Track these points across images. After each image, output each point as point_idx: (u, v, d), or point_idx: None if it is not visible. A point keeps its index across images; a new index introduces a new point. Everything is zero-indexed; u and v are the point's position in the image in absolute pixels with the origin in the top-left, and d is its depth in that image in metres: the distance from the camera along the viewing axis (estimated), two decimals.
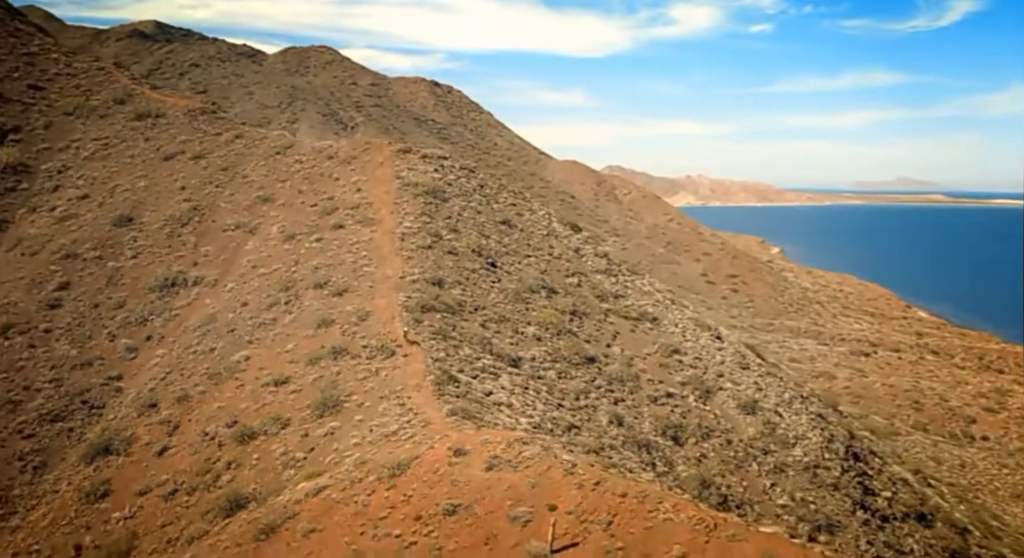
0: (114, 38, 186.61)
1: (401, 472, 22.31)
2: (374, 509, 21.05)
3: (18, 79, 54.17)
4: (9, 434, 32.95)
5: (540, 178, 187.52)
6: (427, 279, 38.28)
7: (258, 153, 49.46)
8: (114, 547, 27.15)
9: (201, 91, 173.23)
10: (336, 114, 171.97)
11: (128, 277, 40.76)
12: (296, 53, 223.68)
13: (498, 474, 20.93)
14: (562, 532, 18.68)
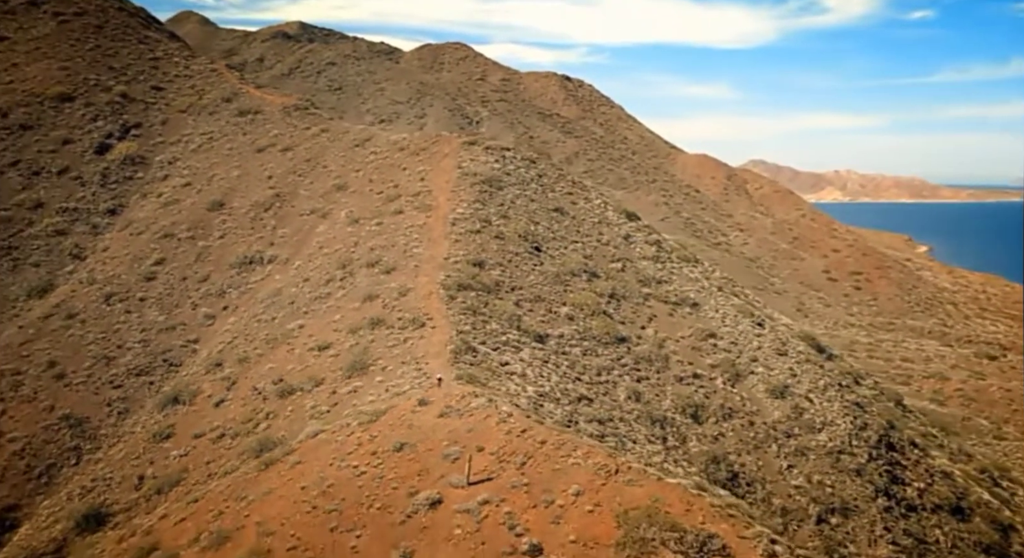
0: (260, 39, 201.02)
1: (376, 418, 26.13)
2: (346, 447, 24.94)
3: (143, 81, 61.80)
4: (102, 384, 39.16)
5: (665, 172, 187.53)
6: (469, 260, 41.91)
7: (340, 145, 54.59)
8: (167, 478, 32.44)
9: (336, 88, 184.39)
10: (462, 109, 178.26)
11: (214, 255, 46.65)
12: (431, 50, 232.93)
13: (445, 420, 24.37)
14: (482, 468, 21.92)
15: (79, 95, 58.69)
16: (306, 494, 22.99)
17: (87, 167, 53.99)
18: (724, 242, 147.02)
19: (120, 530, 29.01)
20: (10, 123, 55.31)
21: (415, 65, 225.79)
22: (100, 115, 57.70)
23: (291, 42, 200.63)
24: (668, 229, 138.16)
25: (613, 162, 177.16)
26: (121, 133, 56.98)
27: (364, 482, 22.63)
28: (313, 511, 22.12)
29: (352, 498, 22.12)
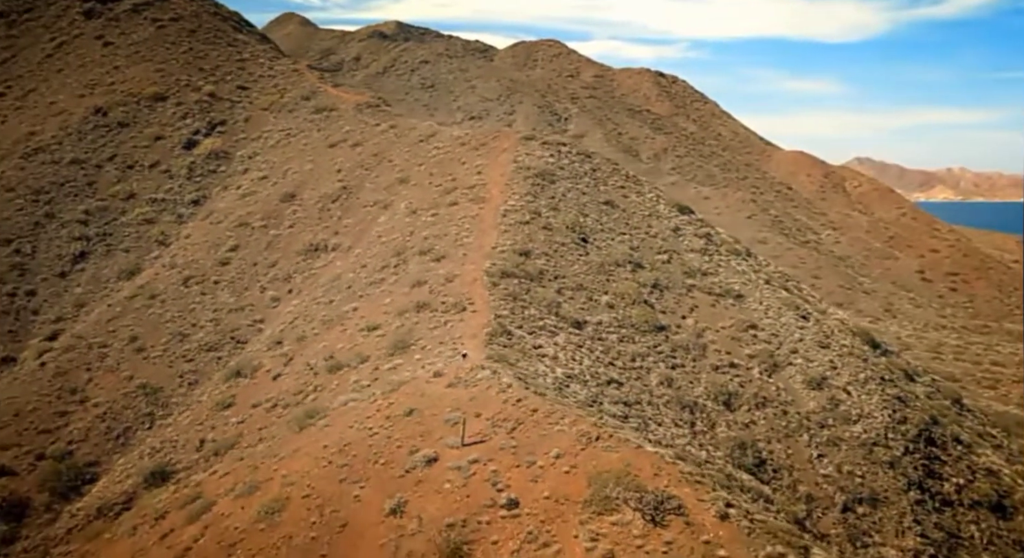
0: (357, 39, 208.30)
1: (396, 388, 28.80)
2: (367, 413, 27.66)
3: (230, 81, 66.54)
4: (176, 358, 43.27)
5: (757, 169, 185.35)
6: (515, 249, 44.21)
7: (406, 141, 57.71)
8: (224, 441, 35.98)
9: (429, 85, 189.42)
10: (551, 106, 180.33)
11: (283, 242, 50.44)
12: (524, 47, 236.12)
13: (452, 390, 26.81)
14: (476, 432, 24.23)
15: (171, 95, 63.77)
16: (326, 452, 25.79)
17: (175, 161, 58.79)
18: (813, 240, 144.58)
19: (178, 485, 32.57)
20: (109, 121, 60.72)
21: (508, 63, 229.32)
22: (189, 113, 62.58)
23: (387, 41, 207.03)
24: (754, 226, 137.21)
25: (703, 159, 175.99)
26: (207, 130, 61.68)
27: (374, 442, 25.27)
28: (328, 466, 24.89)
29: (362, 455, 24.79)
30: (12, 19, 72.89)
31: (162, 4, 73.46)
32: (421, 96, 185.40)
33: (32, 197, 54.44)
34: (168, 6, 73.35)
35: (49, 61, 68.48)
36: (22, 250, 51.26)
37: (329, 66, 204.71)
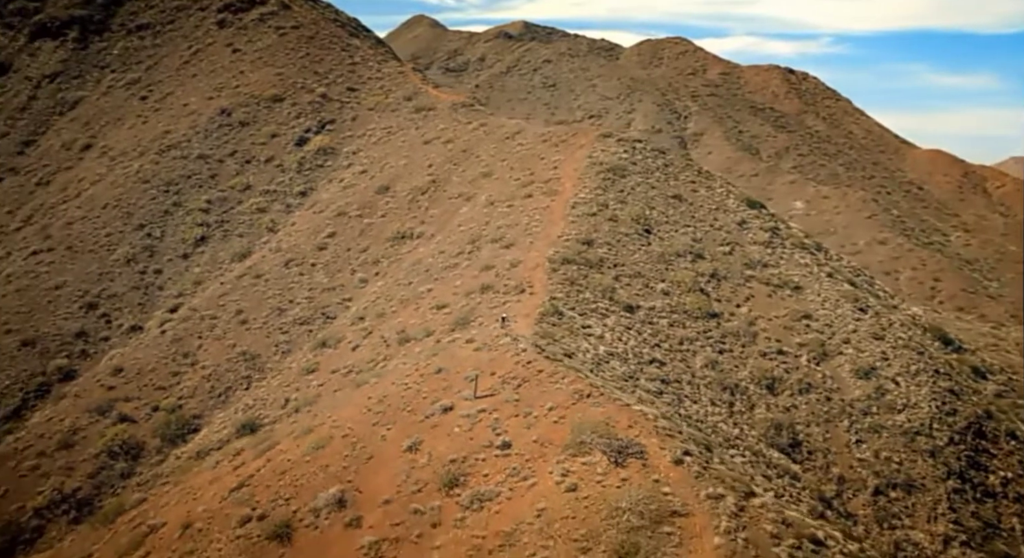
0: (484, 40, 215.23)
1: (436, 354, 33.12)
2: (408, 372, 32.14)
3: (340, 83, 72.93)
4: (273, 330, 49.26)
5: (885, 168, 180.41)
6: (578, 239, 47.81)
7: (493, 138, 62.16)
8: (305, 400, 41.36)
9: (551, 85, 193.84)
10: (671, 104, 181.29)
11: (375, 230, 55.83)
12: (650, 45, 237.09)
13: (477, 353, 30.89)
14: (488, 387, 28.21)
15: (287, 96, 70.68)
16: (368, 403, 30.42)
17: (288, 157, 65.43)
18: (939, 242, 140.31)
19: (260, 433, 38.09)
20: (232, 120, 68.08)
21: (633, 61, 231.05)
22: (303, 113, 69.27)
23: (512, 42, 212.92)
24: (873, 227, 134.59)
25: (827, 158, 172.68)
26: (318, 128, 68.13)
27: (406, 394, 29.69)
28: (367, 413, 29.48)
29: (395, 405, 29.25)
30: (157, 30, 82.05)
31: (285, 13, 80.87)
32: (543, 95, 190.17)
33: (163, 188, 62.19)
34: (290, 15, 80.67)
35: (185, 67, 76.96)
36: (153, 234, 58.89)
37: (455, 66, 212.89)
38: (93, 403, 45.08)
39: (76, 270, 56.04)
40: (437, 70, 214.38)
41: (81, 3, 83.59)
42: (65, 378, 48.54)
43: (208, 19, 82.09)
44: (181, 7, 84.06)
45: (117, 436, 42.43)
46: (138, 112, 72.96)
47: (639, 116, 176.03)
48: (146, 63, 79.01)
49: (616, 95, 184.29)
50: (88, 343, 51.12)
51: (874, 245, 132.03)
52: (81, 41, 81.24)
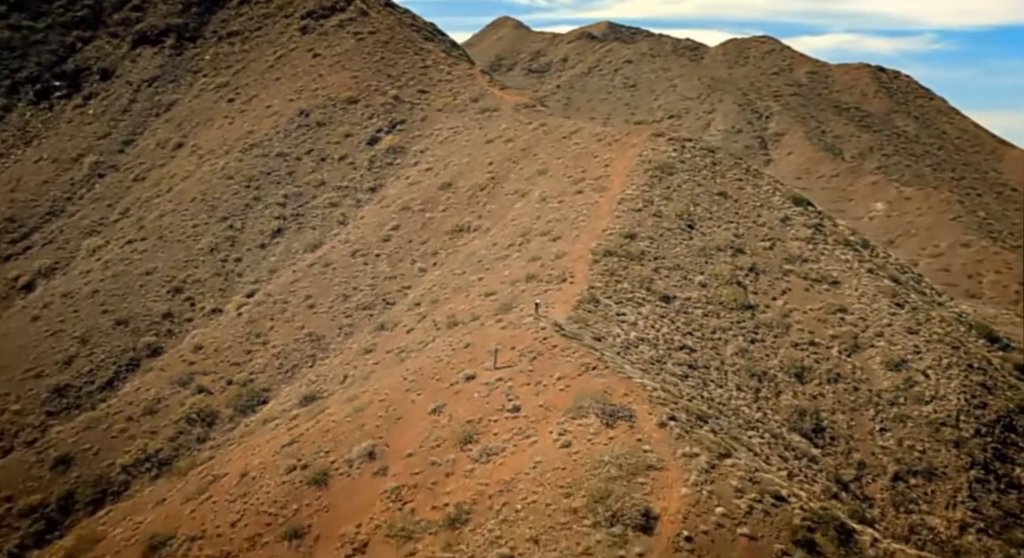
0: (567, 41, 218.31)
1: (471, 332, 36.68)
2: (442, 347, 35.84)
3: (412, 85, 77.38)
4: (338, 314, 53.73)
5: (977, 169, 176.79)
6: (622, 233, 50.72)
7: (551, 137, 65.45)
8: (360, 375, 45.50)
9: (631, 85, 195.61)
10: (753, 104, 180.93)
11: (435, 224, 59.84)
12: (736, 45, 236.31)
13: (504, 330, 34.35)
14: (507, 360, 31.61)
15: (362, 98, 75.49)
16: (404, 373, 34.22)
17: (360, 155, 70.15)
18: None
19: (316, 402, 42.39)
20: (310, 121, 73.25)
21: (718, 61, 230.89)
22: (375, 114, 73.94)
23: (594, 42, 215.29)
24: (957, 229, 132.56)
25: (913, 158, 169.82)
26: (389, 128, 72.68)
27: (437, 366, 33.36)
28: (402, 382, 33.27)
29: (427, 374, 32.95)
30: (245, 37, 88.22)
31: (363, 19, 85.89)
32: (623, 95, 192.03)
33: (245, 184, 67.66)
34: (368, 21, 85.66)
35: (270, 71, 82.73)
36: (234, 226, 64.33)
37: (537, 67, 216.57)
38: (175, 376, 50.32)
39: (165, 258, 61.84)
40: (520, 71, 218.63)
41: (178, 12, 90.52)
42: (152, 354, 54.08)
43: (292, 26, 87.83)
44: (268, 15, 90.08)
45: (195, 405, 47.46)
46: (225, 113, 79.00)
47: (719, 116, 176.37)
48: (235, 68, 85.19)
49: (696, 95, 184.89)
50: (174, 323, 56.67)
51: (957, 247, 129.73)
52: (177, 48, 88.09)
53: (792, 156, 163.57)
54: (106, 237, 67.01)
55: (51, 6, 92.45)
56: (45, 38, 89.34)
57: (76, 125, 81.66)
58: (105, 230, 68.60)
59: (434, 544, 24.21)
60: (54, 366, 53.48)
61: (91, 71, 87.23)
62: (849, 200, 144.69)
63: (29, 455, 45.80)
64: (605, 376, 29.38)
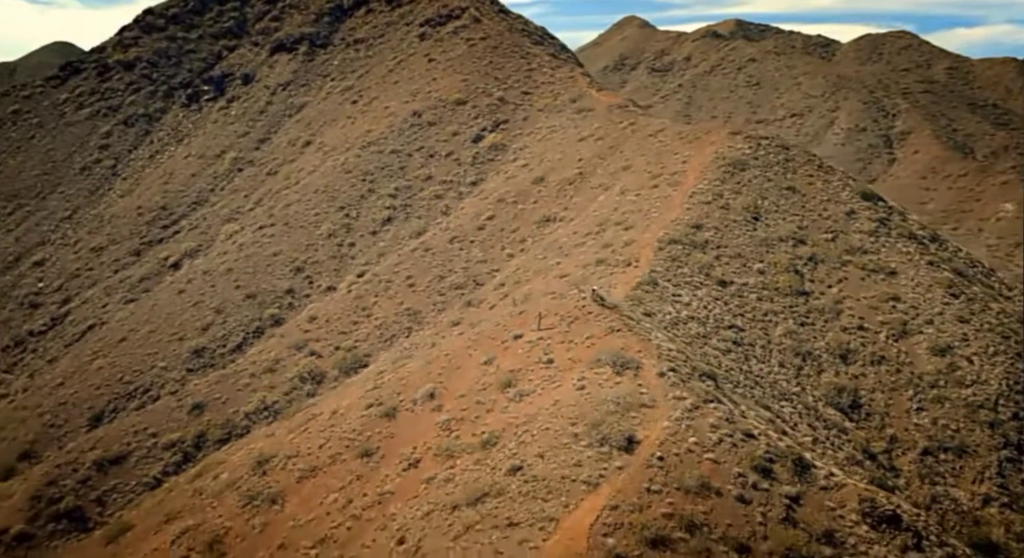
0: (690, 39, 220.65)
1: (528, 298, 42.99)
2: (501, 314, 42.25)
3: (516, 87, 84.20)
4: (433, 292, 61.04)
5: None
6: (689, 223, 55.81)
7: (638, 135, 70.80)
8: (446, 343, 52.49)
9: (754, 84, 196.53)
10: (879, 102, 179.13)
11: (525, 215, 66.35)
12: (870, 40, 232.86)
13: (553, 301, 40.47)
14: (549, 324, 37.76)
15: (470, 100, 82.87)
16: (470, 334, 40.91)
17: (464, 152, 77.51)
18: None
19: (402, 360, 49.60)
20: (422, 120, 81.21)
21: (850, 57, 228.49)
22: (481, 114, 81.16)
23: (719, 41, 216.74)
24: None
25: None
26: (492, 127, 79.72)
27: (495, 328, 39.86)
28: (466, 341, 39.96)
29: (486, 334, 39.50)
30: (370, 43, 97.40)
31: (476, 26, 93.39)
32: (745, 94, 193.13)
33: (362, 177, 76.20)
34: (480, 27, 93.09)
35: (390, 75, 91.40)
36: (350, 214, 72.88)
37: (660, 67, 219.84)
38: (292, 342, 58.86)
39: (290, 242, 70.98)
40: (643, 70, 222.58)
41: (311, 22, 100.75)
42: (275, 323, 63.00)
43: (411, 33, 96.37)
44: (391, 23, 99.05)
45: (307, 366, 55.73)
46: (349, 114, 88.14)
47: (843, 114, 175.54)
48: (359, 72, 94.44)
49: (821, 93, 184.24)
50: (294, 298, 65.52)
51: None
52: (309, 54, 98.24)
53: (918, 155, 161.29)
54: (241, 224, 77.01)
55: (202, 18, 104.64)
56: (196, 47, 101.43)
57: (220, 125, 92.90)
58: (241, 217, 78.69)
59: (468, 460, 30.69)
60: (194, 331, 63.19)
61: (234, 77, 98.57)
62: (976, 200, 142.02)
63: (171, 402, 55.20)
64: (625, 337, 35.10)
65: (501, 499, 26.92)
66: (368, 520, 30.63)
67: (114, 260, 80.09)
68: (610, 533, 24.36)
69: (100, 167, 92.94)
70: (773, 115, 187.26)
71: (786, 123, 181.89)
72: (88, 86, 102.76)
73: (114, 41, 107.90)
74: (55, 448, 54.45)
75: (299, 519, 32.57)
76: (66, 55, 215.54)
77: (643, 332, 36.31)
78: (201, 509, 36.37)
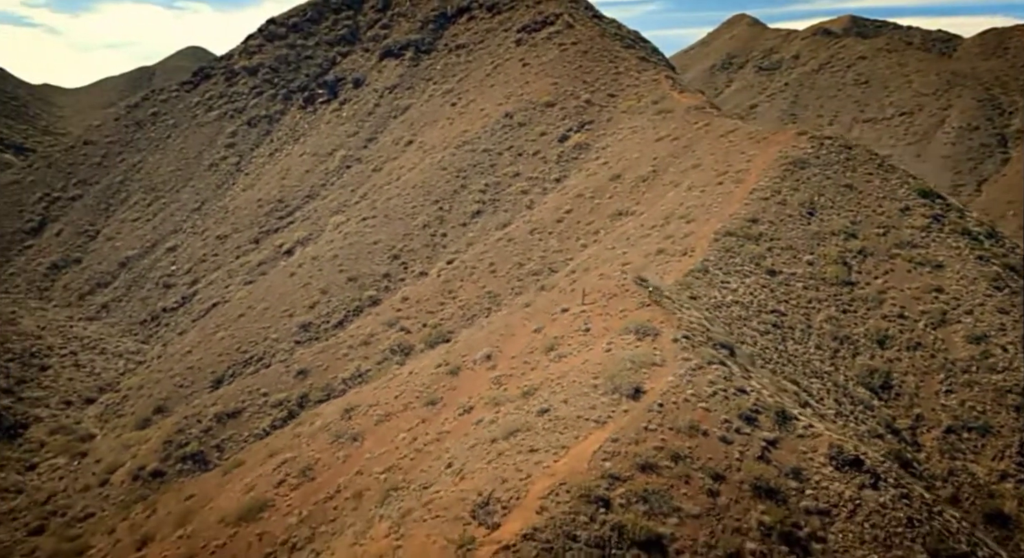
0: (800, 37, 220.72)
1: (579, 271, 49.50)
2: (555, 293, 48.87)
3: (603, 90, 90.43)
4: (512, 278, 68.09)
5: None
6: (745, 217, 61.03)
7: (711, 136, 75.98)
8: (515, 322, 59.42)
9: (863, 82, 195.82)
10: (996, 100, 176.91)
11: (601, 209, 72.65)
12: (995, 35, 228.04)
13: (597, 280, 46.82)
14: (592, 300, 44.20)
15: (558, 102, 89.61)
16: (528, 309, 47.69)
17: (550, 151, 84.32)
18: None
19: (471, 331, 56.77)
20: (513, 122, 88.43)
21: (972, 52, 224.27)
22: (568, 116, 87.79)
23: (829, 38, 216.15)
24: None
25: None
26: (578, 128, 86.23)
27: (547, 303, 46.51)
28: (524, 314, 46.76)
29: (539, 309, 46.22)
30: (470, 49, 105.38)
31: (569, 31, 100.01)
32: (853, 92, 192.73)
33: (455, 174, 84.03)
34: (572, 33, 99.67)
35: (487, 79, 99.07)
36: (443, 208, 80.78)
37: (768, 65, 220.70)
38: (386, 319, 67.02)
39: (388, 231, 79.44)
40: (751, 69, 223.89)
41: (417, 29, 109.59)
42: (372, 303, 71.40)
43: (509, 38, 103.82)
44: (490, 29, 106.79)
45: (397, 340, 63.67)
46: (448, 116, 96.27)
47: (955, 112, 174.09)
48: (459, 76, 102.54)
49: (932, 91, 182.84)
50: (390, 281, 73.82)
51: None
52: (414, 60, 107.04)
53: None
54: (347, 215, 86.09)
55: (319, 27, 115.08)
56: (313, 54, 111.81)
57: (332, 125, 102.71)
58: (347, 210, 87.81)
59: (510, 407, 37.54)
60: (302, 309, 72.29)
61: (346, 80, 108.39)
62: None
63: (280, 368, 64.16)
64: (653, 311, 41.20)
65: (529, 433, 33.68)
66: (427, 453, 37.89)
67: (236, 247, 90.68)
68: (608, 458, 30.75)
69: (226, 164, 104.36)
70: (881, 113, 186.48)
71: (894, 122, 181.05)
72: (217, 90, 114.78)
73: (240, 49, 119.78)
74: (183, 404, 64.25)
75: (374, 453, 40.15)
76: (199, 59, 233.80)
77: (670, 307, 42.31)
78: (298, 446, 44.52)
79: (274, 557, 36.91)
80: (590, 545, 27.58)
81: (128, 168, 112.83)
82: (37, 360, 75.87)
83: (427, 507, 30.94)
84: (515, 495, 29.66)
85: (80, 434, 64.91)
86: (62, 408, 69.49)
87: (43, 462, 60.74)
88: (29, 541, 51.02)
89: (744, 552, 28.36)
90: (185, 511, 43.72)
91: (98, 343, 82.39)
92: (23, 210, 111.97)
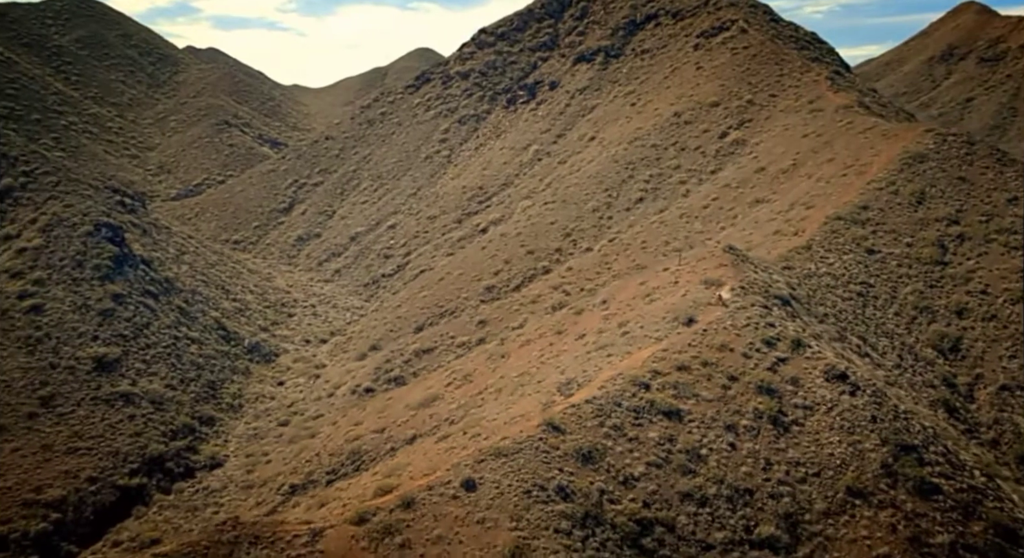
0: None
1: (683, 249, 63.72)
2: (669, 259, 63.30)
3: (765, 91, 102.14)
4: (658, 253, 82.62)
5: None
6: (857, 204, 72.22)
7: (850, 132, 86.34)
8: (618, 285, 74.09)
9: None
10: None
11: (743, 197, 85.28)
12: None
13: (700, 249, 60.90)
14: (686, 262, 58.49)
15: (723, 102, 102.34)
16: (644, 271, 62.54)
17: (710, 146, 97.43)
18: None
19: None
20: (679, 120, 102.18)
21: None
22: (730, 115, 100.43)
23: None
24: None
25: None
26: (738, 126, 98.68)
27: (660, 266, 61.12)
28: (640, 273, 61.68)
29: (652, 270, 60.97)
30: (653, 54, 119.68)
31: (742, 36, 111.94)
32: None
33: (625, 166, 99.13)
34: (745, 38, 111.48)
35: (664, 81, 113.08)
36: (612, 195, 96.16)
37: (991, 56, 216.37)
38: (552, 284, 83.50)
39: (565, 214, 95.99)
40: (972, 60, 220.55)
41: (608, 36, 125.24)
42: (544, 272, 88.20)
43: (688, 44, 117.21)
44: (672, 35, 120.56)
45: (558, 299, 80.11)
46: (627, 115, 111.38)
47: None
48: (640, 78, 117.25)
49: None
50: (560, 255, 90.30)
51: None
52: (604, 64, 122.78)
53: None
54: (533, 200, 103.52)
55: (523, 35, 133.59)
56: (517, 59, 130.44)
57: (528, 123, 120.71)
58: (534, 196, 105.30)
59: (608, 334, 52.96)
60: (488, 275, 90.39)
61: (543, 83, 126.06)
62: None
63: (465, 318, 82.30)
64: (726, 270, 54.99)
65: (612, 346, 49.09)
66: (548, 365, 54.06)
67: (443, 225, 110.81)
68: (656, 361, 45.62)
69: (438, 156, 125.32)
70: None
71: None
72: (435, 92, 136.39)
73: (455, 55, 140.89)
74: (391, 343, 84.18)
75: (514, 365, 56.90)
76: (427, 60, 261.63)
77: (741, 268, 55.94)
78: (464, 364, 62.10)
79: (439, 428, 54.49)
80: (629, 410, 42.73)
81: (360, 159, 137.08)
82: (286, 309, 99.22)
83: (535, 388, 47.30)
84: (588, 379, 45.28)
85: (315, 363, 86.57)
86: (303, 344, 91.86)
87: (289, 380, 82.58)
88: (277, 429, 72.10)
89: (739, 425, 42.42)
90: (384, 405, 62.47)
91: (331, 299, 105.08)
92: (277, 193, 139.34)
